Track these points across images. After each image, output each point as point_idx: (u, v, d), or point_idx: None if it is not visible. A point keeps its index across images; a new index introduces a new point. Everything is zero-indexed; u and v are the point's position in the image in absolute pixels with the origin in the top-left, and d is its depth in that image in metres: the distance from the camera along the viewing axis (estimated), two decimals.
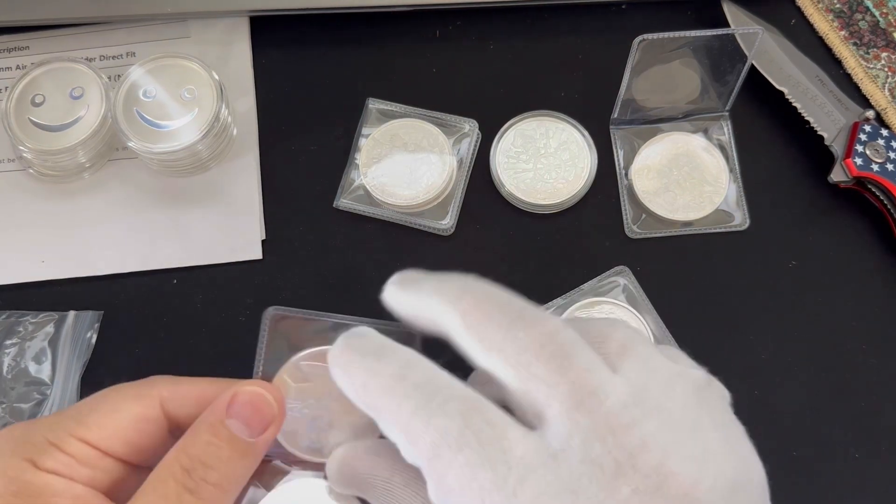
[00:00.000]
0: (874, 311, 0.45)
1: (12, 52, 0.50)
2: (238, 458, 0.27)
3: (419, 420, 0.23)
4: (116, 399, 0.29)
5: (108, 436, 0.28)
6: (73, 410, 0.29)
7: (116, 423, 0.28)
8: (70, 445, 0.27)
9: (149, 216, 0.46)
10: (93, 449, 0.28)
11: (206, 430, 0.27)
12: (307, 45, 0.50)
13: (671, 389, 0.25)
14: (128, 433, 0.28)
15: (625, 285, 0.44)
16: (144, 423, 0.29)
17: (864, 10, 0.51)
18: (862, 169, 0.45)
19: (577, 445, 0.23)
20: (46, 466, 0.27)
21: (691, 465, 0.23)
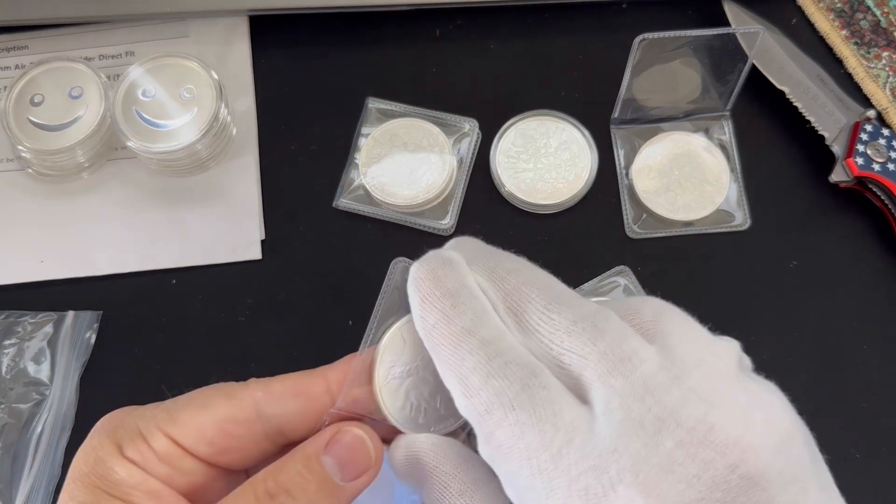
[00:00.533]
0: (875, 311, 0.45)
1: (11, 51, 0.49)
2: (323, 497, 0.26)
3: (478, 376, 0.24)
4: (209, 396, 0.28)
5: (191, 434, 0.27)
6: (172, 402, 0.28)
7: (202, 422, 0.28)
8: (155, 439, 0.27)
9: (148, 216, 0.46)
10: (175, 446, 0.27)
11: (300, 459, 0.27)
12: (307, 44, 0.50)
13: (708, 352, 0.25)
14: (212, 433, 0.28)
15: (625, 285, 0.44)
16: (232, 423, 0.28)
17: (865, 9, 0.51)
18: (863, 169, 0.45)
19: (616, 407, 0.23)
20: (128, 455, 0.27)
21: (738, 416, 0.23)
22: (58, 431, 0.42)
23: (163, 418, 0.27)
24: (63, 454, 0.42)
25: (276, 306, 0.45)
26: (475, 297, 0.26)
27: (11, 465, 0.41)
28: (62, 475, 0.41)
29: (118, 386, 0.43)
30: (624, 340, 0.24)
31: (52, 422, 0.42)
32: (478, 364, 0.24)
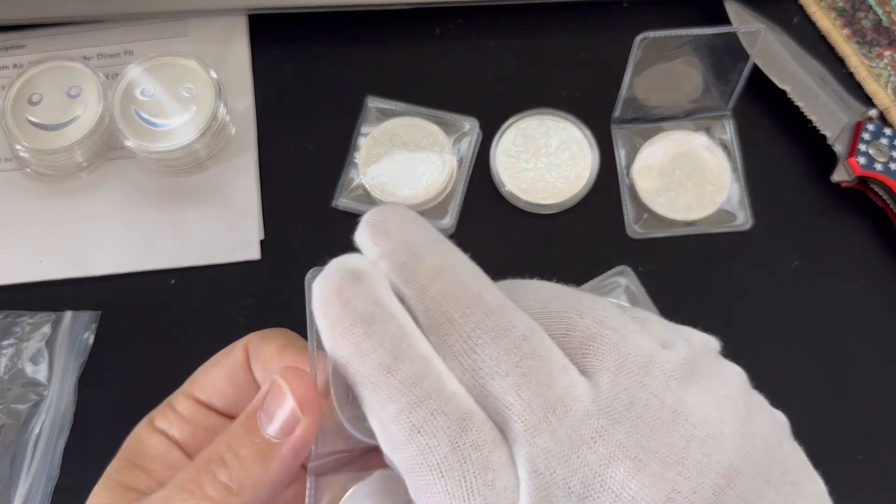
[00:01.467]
0: (877, 311, 0.45)
1: (9, 50, 0.49)
2: (255, 458, 0.24)
3: (401, 429, 0.21)
4: (218, 355, 0.30)
5: (207, 389, 0.29)
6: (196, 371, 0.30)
7: (213, 377, 0.29)
8: (179, 402, 0.29)
9: (146, 216, 0.46)
10: (196, 404, 0.29)
11: (242, 419, 0.25)
12: (306, 43, 0.50)
13: (646, 377, 0.22)
14: (223, 385, 0.29)
15: (626, 285, 0.44)
16: (235, 374, 0.29)
17: (866, 8, 0.50)
18: (865, 168, 0.45)
19: (542, 470, 0.21)
20: (158, 426, 0.28)
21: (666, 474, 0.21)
22: (56, 432, 0.42)
23: (186, 384, 0.29)
24: (61, 455, 0.42)
25: (276, 306, 0.45)
26: (392, 317, 0.22)
27: (10, 465, 0.41)
28: (60, 476, 0.41)
29: (116, 386, 0.43)
30: (553, 381, 0.21)
31: (51, 422, 0.42)
32: (400, 413, 0.21)
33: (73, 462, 0.42)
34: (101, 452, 0.42)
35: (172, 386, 0.43)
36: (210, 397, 0.29)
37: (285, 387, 0.24)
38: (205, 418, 0.29)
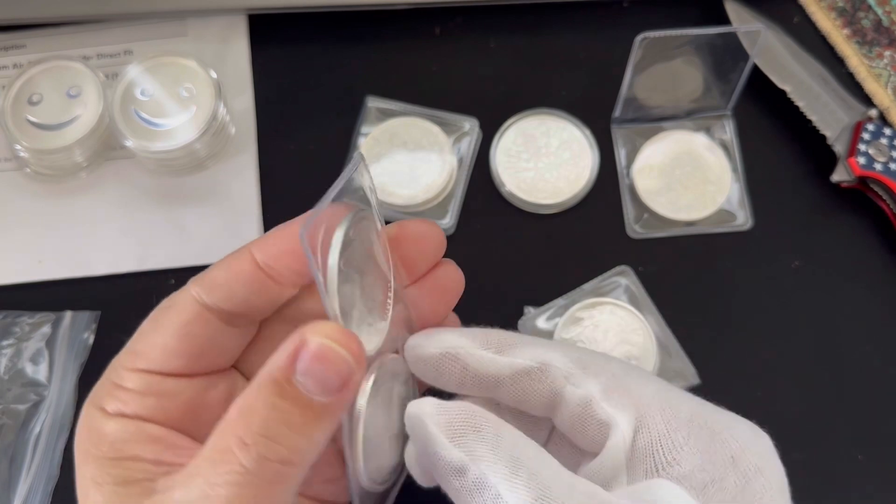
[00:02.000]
0: (878, 311, 0.45)
1: (9, 50, 0.49)
2: (313, 423, 0.22)
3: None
4: (154, 317, 0.27)
5: (156, 357, 0.26)
6: (129, 342, 0.27)
7: (159, 342, 0.26)
8: (127, 380, 0.26)
9: (146, 216, 0.46)
10: (148, 375, 0.26)
11: (270, 390, 0.23)
12: (306, 42, 0.50)
13: None
14: (175, 345, 0.26)
15: (626, 285, 0.44)
16: (188, 327, 0.26)
17: (867, 8, 0.50)
18: (865, 168, 0.45)
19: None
20: (111, 410, 0.25)
21: None
22: (56, 432, 0.42)
23: (125, 358, 0.27)
24: (61, 455, 0.42)
25: None
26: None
27: (9, 466, 0.41)
28: (60, 476, 0.41)
29: None
30: None
31: (51, 423, 0.42)
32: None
33: (72, 462, 0.41)
34: None
35: None
36: (165, 364, 0.26)
37: (338, 348, 0.23)
38: (162, 385, 0.26)
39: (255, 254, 0.27)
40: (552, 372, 0.26)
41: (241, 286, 0.27)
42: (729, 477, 0.24)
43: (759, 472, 0.24)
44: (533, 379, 0.26)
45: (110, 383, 0.26)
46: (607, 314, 0.43)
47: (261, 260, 0.27)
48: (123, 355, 0.27)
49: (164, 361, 0.26)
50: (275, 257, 0.27)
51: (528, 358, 0.26)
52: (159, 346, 0.26)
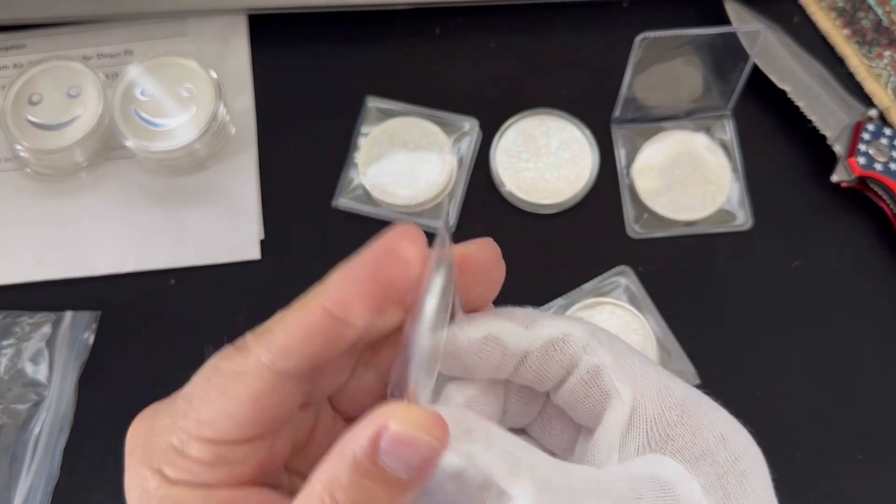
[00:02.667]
0: (878, 311, 0.45)
1: (9, 50, 0.49)
2: (397, 495, 0.23)
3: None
4: (221, 382, 0.25)
5: (226, 427, 0.24)
6: (186, 403, 0.25)
7: (230, 412, 0.24)
8: (193, 449, 0.24)
9: (146, 216, 0.46)
10: (218, 445, 0.24)
11: (353, 469, 0.23)
12: (306, 42, 0.50)
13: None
14: (246, 414, 0.24)
15: (626, 285, 0.44)
16: (260, 399, 0.24)
17: (867, 8, 0.50)
18: (865, 168, 0.45)
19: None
20: (176, 478, 0.24)
21: None
22: (56, 432, 0.42)
23: (190, 425, 0.24)
24: (61, 455, 0.42)
25: (276, 307, 0.44)
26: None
27: (9, 466, 0.41)
28: (60, 476, 0.41)
29: (116, 386, 0.43)
30: None
31: (51, 423, 0.42)
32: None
33: (73, 462, 0.42)
34: (101, 452, 0.42)
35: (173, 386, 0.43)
36: (237, 434, 0.24)
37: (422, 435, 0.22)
38: (233, 453, 0.24)
39: (327, 304, 0.25)
40: (574, 341, 0.26)
41: (318, 344, 0.25)
42: (720, 452, 0.25)
43: (745, 452, 0.25)
44: (557, 350, 0.26)
45: (170, 447, 0.24)
46: (607, 314, 0.43)
47: (334, 309, 0.25)
48: (187, 420, 0.25)
49: (237, 432, 0.24)
50: (347, 304, 0.25)
51: (554, 328, 0.26)
52: (231, 417, 0.24)
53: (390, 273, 0.24)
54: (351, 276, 0.25)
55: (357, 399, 0.28)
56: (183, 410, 0.25)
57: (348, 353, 0.27)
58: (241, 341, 0.25)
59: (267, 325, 0.25)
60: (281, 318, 0.25)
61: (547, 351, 0.26)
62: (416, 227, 0.25)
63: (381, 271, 0.24)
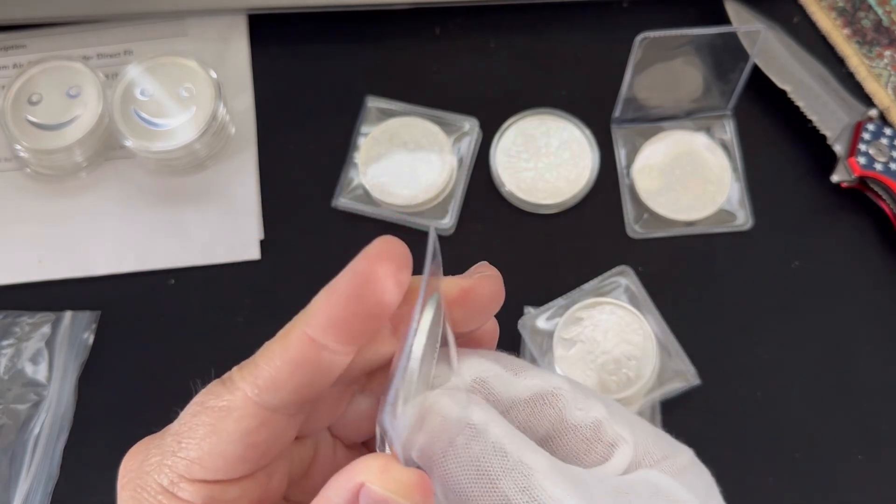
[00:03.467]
0: (877, 311, 0.45)
1: (9, 50, 0.49)
2: None
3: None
4: (209, 420, 0.24)
5: (216, 466, 0.24)
6: (175, 441, 0.24)
7: (219, 450, 0.23)
8: (184, 490, 0.24)
9: (146, 216, 0.46)
10: (209, 485, 0.24)
11: None
12: (306, 42, 0.50)
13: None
14: (236, 452, 0.24)
15: (626, 285, 0.44)
16: (249, 436, 0.24)
17: (867, 7, 0.50)
18: (865, 168, 0.45)
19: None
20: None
21: None
22: (56, 432, 0.42)
23: (179, 465, 0.24)
24: (61, 455, 0.42)
25: (275, 307, 0.45)
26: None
27: (9, 466, 0.41)
28: (60, 476, 0.41)
29: (116, 386, 0.43)
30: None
31: (50, 423, 0.42)
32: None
33: (73, 462, 0.42)
34: (101, 452, 0.42)
35: (171, 385, 0.43)
36: (227, 472, 0.24)
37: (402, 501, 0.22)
38: (225, 493, 0.24)
39: (308, 331, 0.24)
40: (564, 395, 0.26)
41: (306, 376, 0.24)
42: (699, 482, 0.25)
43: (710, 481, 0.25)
44: (546, 403, 0.25)
45: (160, 487, 0.24)
46: (607, 314, 0.43)
47: (317, 335, 0.24)
48: (176, 459, 0.24)
49: (228, 470, 0.24)
50: (330, 328, 0.24)
51: (543, 381, 0.26)
52: (220, 456, 0.24)
53: (367, 302, 0.23)
54: (332, 299, 0.24)
55: (356, 425, 0.27)
56: (172, 448, 0.24)
57: (342, 383, 0.26)
58: (227, 375, 0.24)
59: (252, 358, 0.24)
60: (265, 349, 0.24)
61: (536, 404, 0.25)
62: (397, 243, 0.23)
63: (358, 299, 0.23)
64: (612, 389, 0.41)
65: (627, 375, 0.41)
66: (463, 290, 0.25)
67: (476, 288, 0.26)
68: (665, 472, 0.24)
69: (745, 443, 0.42)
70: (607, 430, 0.25)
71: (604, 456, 0.25)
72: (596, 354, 0.42)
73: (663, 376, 0.42)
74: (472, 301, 0.26)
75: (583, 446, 0.25)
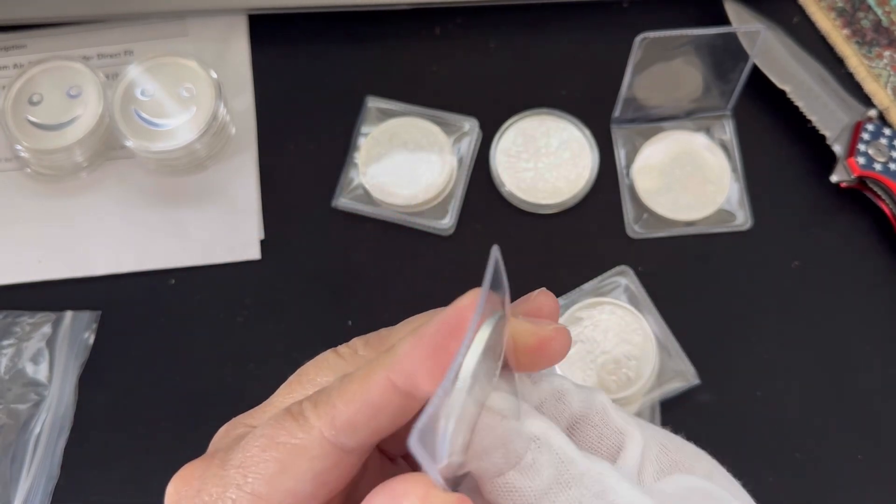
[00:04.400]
0: (877, 311, 0.45)
1: (10, 50, 0.49)
2: None
3: None
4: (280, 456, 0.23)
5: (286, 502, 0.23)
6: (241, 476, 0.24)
7: (292, 486, 0.23)
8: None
9: (146, 216, 0.46)
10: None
11: None
12: (306, 42, 0.50)
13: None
14: (309, 489, 0.23)
15: (626, 285, 0.44)
16: (322, 476, 0.23)
17: (866, 8, 0.50)
18: (864, 168, 0.45)
19: None
20: None
21: None
22: (56, 432, 0.42)
23: (244, 499, 0.23)
24: (61, 455, 0.42)
25: (275, 307, 0.45)
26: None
27: (10, 465, 0.41)
28: (60, 476, 0.41)
29: (117, 386, 0.43)
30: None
31: (51, 422, 0.42)
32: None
33: (73, 462, 0.42)
34: (101, 452, 0.42)
35: (172, 385, 0.43)
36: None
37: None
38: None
39: (393, 377, 0.23)
40: (569, 391, 0.26)
41: (385, 420, 0.23)
42: (717, 471, 0.25)
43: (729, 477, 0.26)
44: (556, 403, 0.26)
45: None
46: (607, 314, 0.43)
47: (401, 383, 0.23)
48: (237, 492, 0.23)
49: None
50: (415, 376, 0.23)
51: (548, 382, 0.26)
52: (289, 493, 0.23)
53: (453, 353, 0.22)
54: (419, 348, 0.23)
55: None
56: (236, 482, 0.23)
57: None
58: (298, 410, 0.24)
59: (328, 397, 0.24)
60: (344, 388, 0.24)
61: (549, 405, 0.25)
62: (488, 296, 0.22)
63: (445, 351, 0.22)
64: (612, 389, 0.41)
65: (627, 375, 0.42)
66: (540, 341, 0.25)
67: (553, 342, 0.25)
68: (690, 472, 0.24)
69: (745, 443, 0.42)
70: (613, 416, 0.25)
71: (616, 444, 0.25)
72: (596, 354, 0.42)
73: (663, 376, 0.42)
74: (547, 353, 0.25)
75: (594, 434, 0.25)
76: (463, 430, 0.22)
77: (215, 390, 0.43)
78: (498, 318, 0.23)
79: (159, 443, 0.42)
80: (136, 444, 0.42)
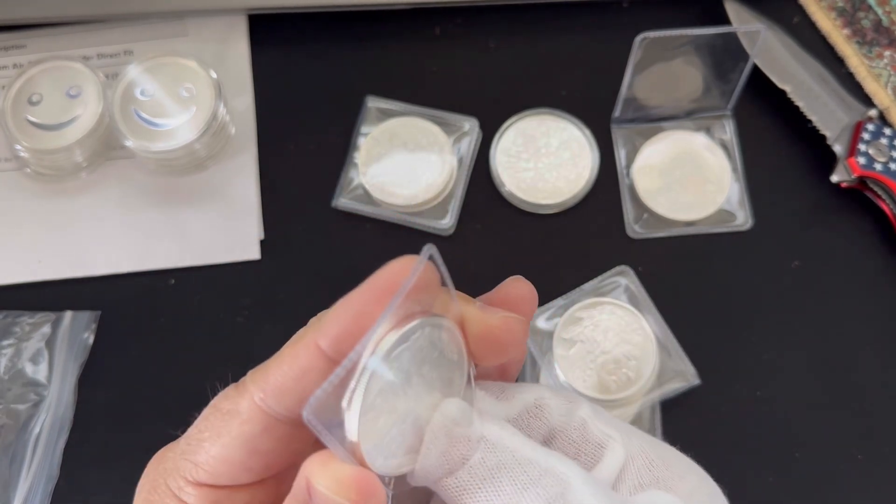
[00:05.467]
0: (877, 311, 0.45)
1: (9, 50, 0.49)
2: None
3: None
4: (217, 423, 0.24)
5: (219, 471, 0.23)
6: (186, 444, 0.24)
7: (222, 455, 0.23)
8: (189, 496, 0.23)
9: (146, 216, 0.46)
10: (215, 490, 0.23)
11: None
12: (306, 42, 0.50)
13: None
14: (240, 458, 0.23)
15: (626, 285, 0.44)
16: (253, 441, 0.23)
17: (867, 8, 0.50)
18: (865, 168, 0.45)
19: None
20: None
21: None
22: (56, 432, 0.42)
23: (185, 467, 0.23)
24: (61, 455, 0.42)
25: (275, 307, 0.45)
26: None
27: (9, 466, 0.41)
28: (60, 476, 0.41)
29: (116, 386, 0.43)
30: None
31: (50, 423, 0.42)
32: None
33: (73, 462, 0.42)
34: (101, 452, 0.42)
35: (172, 385, 0.43)
36: (232, 478, 0.23)
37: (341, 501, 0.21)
38: (231, 499, 0.24)
39: (320, 341, 0.23)
40: (548, 404, 0.25)
41: (311, 385, 0.22)
42: (702, 489, 0.24)
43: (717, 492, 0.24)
44: (533, 417, 0.25)
45: (167, 490, 0.23)
46: (607, 314, 0.43)
47: (327, 347, 0.23)
48: (183, 462, 0.23)
49: (231, 476, 0.23)
50: (341, 341, 0.23)
51: (528, 394, 0.25)
52: (224, 461, 0.23)
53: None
54: (348, 311, 0.23)
55: None
56: (182, 451, 0.24)
57: None
58: (242, 379, 0.24)
59: (265, 363, 0.24)
60: (278, 354, 0.24)
61: (524, 419, 0.25)
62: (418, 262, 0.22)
63: (371, 316, 0.22)
64: (612, 389, 0.41)
65: (627, 375, 0.42)
66: (487, 329, 0.24)
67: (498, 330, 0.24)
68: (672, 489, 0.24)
69: (745, 442, 0.42)
70: (592, 429, 0.25)
71: (594, 458, 0.25)
72: (596, 354, 0.42)
73: (663, 376, 0.42)
74: (496, 343, 0.24)
75: (572, 450, 0.25)
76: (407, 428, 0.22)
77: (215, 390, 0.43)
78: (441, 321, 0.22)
79: (159, 443, 0.42)
80: (136, 444, 0.42)
